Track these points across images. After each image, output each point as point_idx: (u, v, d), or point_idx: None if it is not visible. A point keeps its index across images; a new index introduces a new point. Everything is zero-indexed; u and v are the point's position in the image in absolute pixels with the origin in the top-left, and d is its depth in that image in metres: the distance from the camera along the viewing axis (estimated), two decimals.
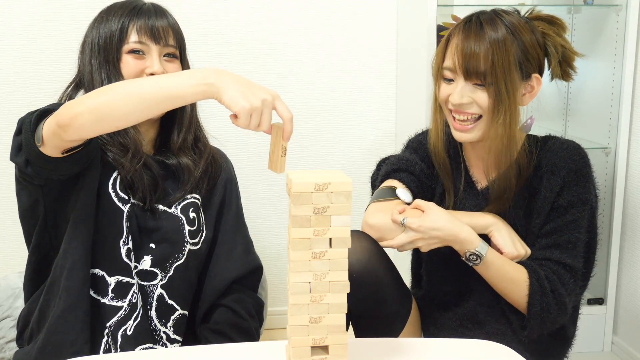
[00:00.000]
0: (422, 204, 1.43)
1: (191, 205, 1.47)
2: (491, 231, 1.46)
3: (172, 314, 1.43)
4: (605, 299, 2.42)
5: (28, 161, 1.25)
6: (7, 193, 2.35)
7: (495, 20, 1.41)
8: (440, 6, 2.16)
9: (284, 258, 2.48)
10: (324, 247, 1.04)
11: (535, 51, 1.44)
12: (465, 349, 1.23)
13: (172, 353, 1.28)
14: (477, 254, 1.41)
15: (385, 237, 1.43)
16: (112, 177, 1.37)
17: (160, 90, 1.13)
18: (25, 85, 2.34)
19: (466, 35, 1.41)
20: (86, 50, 1.43)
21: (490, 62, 1.38)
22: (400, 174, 1.55)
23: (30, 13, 2.31)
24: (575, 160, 1.47)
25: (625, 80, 2.26)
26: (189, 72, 1.15)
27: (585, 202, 1.45)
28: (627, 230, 2.36)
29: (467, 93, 1.42)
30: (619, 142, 2.31)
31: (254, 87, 1.11)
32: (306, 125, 2.52)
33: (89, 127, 1.17)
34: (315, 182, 1.02)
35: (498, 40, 1.39)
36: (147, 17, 1.41)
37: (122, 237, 1.36)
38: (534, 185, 1.48)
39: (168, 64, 1.43)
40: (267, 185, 2.51)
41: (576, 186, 1.45)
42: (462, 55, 1.40)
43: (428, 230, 1.39)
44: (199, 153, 1.49)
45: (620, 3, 2.23)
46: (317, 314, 1.07)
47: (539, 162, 1.49)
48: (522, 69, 1.43)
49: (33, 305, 1.42)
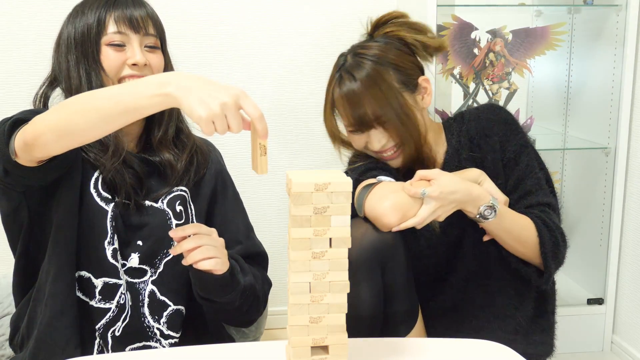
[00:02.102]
0: (428, 173, 1.41)
1: (177, 199, 1.43)
2: (481, 181, 1.49)
3: (164, 310, 1.40)
4: (605, 299, 2.42)
5: (6, 170, 1.22)
6: None
7: (360, 64, 1.49)
8: (440, 6, 2.16)
9: (284, 258, 2.48)
10: (324, 247, 1.04)
11: (407, 61, 1.52)
12: (465, 349, 1.23)
13: (172, 353, 1.28)
14: (492, 205, 1.42)
15: (407, 213, 1.37)
16: (94, 177, 1.34)
17: (116, 104, 1.07)
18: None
19: (341, 89, 1.50)
20: (62, 47, 1.39)
21: (377, 107, 1.47)
22: (375, 172, 1.54)
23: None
24: (497, 114, 1.57)
25: (625, 81, 2.26)
26: (144, 81, 1.08)
27: (526, 145, 1.55)
28: (627, 230, 2.36)
29: (379, 138, 1.52)
30: (619, 142, 2.31)
31: (215, 91, 1.01)
32: (306, 125, 2.52)
33: (52, 145, 1.14)
34: (315, 182, 1.02)
35: (375, 80, 1.47)
36: (125, 7, 1.37)
37: (107, 238, 1.33)
38: (476, 155, 1.55)
39: (150, 54, 1.39)
40: (267, 185, 2.52)
41: (511, 135, 1.55)
42: (348, 107, 1.49)
43: (448, 195, 1.38)
44: (182, 146, 1.45)
45: (620, 3, 2.23)
46: (317, 314, 1.07)
47: (469, 135, 1.57)
48: (408, 85, 1.51)
49: (23, 310, 1.40)
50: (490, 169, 1.53)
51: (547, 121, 2.62)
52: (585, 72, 2.46)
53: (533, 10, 2.55)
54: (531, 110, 2.69)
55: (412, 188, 1.38)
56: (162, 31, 1.44)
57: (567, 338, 2.37)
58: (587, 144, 2.42)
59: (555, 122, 2.61)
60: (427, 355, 1.20)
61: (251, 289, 1.43)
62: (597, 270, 2.45)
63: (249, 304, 1.44)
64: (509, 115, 1.58)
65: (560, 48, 2.40)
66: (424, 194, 1.37)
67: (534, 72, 2.52)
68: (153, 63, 1.39)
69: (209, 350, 1.23)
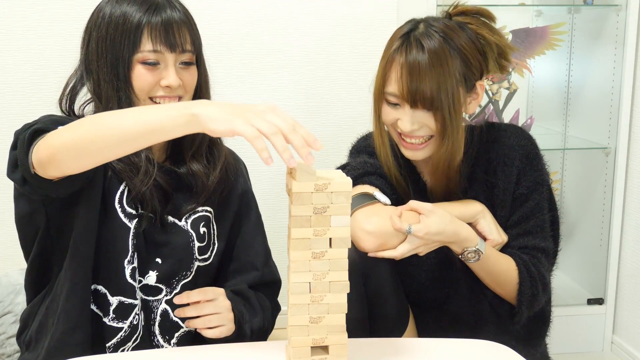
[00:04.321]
0: (420, 208, 1.36)
1: (202, 220, 1.38)
2: (477, 219, 1.45)
3: (176, 331, 1.37)
4: (605, 299, 2.42)
5: (25, 179, 1.19)
6: (7, 191, 2.35)
7: (431, 35, 1.38)
8: (440, 6, 2.16)
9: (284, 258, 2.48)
10: (324, 247, 1.04)
11: (474, 57, 1.42)
12: (465, 349, 1.23)
13: (172, 353, 1.27)
14: (477, 250, 1.40)
15: (386, 243, 1.34)
16: (119, 190, 1.29)
17: (139, 124, 1.04)
18: (25, 88, 2.34)
19: (408, 56, 1.37)
20: (92, 43, 1.31)
21: (436, 87, 1.35)
22: (370, 178, 1.47)
23: (30, 13, 2.31)
24: (523, 146, 1.49)
25: (626, 81, 2.26)
26: (172, 105, 1.07)
27: (542, 183, 1.48)
28: (627, 230, 2.36)
29: (417, 119, 1.39)
30: (619, 142, 2.31)
31: (244, 109, 0.99)
32: (305, 125, 2.51)
33: (68, 164, 1.11)
34: (315, 182, 1.01)
35: (441, 59, 1.36)
36: (163, 10, 1.28)
37: (127, 257, 1.29)
38: (490, 180, 1.49)
39: (183, 72, 1.32)
40: (267, 185, 2.51)
41: (531, 170, 1.48)
42: (407, 77, 1.37)
43: (433, 236, 1.35)
44: (213, 160, 1.39)
45: (620, 3, 2.23)
46: (317, 314, 1.07)
47: (488, 155, 1.50)
48: (467, 82, 1.41)
49: (34, 309, 1.38)
50: (499, 197, 1.48)
51: (547, 121, 2.62)
52: (585, 72, 2.46)
53: (533, 10, 2.55)
54: (531, 110, 2.69)
55: (397, 221, 1.33)
56: (199, 41, 1.35)
57: (567, 338, 2.37)
58: (587, 144, 2.42)
59: (555, 122, 2.61)
60: (427, 355, 1.20)
61: (259, 331, 1.40)
62: (597, 270, 2.45)
63: (255, 339, 1.41)
64: (533, 147, 1.50)
65: (560, 48, 2.40)
66: (409, 232, 1.33)
67: (534, 72, 2.52)
68: (186, 80, 1.32)
69: (209, 350, 1.23)
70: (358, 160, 1.53)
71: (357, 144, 1.62)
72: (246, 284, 1.44)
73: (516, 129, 1.53)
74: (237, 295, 1.40)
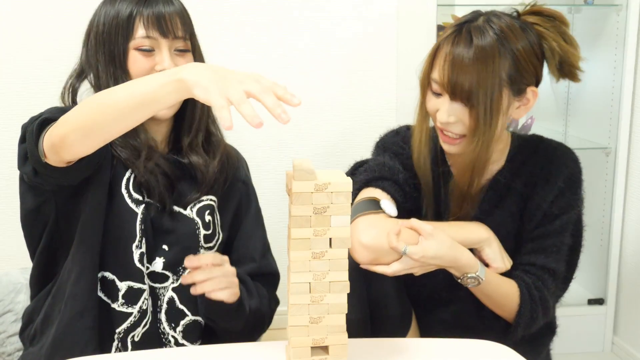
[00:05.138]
0: (421, 229, 1.33)
1: (207, 208, 1.42)
2: (482, 247, 1.42)
3: (182, 319, 1.39)
4: (605, 299, 2.42)
5: (36, 170, 1.22)
6: (8, 191, 2.35)
7: (485, 32, 1.34)
8: (440, 6, 2.17)
9: (284, 258, 2.48)
10: (324, 247, 1.04)
11: (529, 62, 1.37)
12: (465, 349, 1.23)
13: (172, 353, 1.28)
14: (477, 277, 1.37)
15: (380, 259, 1.31)
16: (125, 176, 1.33)
17: (132, 96, 1.06)
18: (26, 84, 2.34)
19: (454, 48, 1.34)
20: (91, 39, 1.36)
21: (475, 82, 1.32)
22: (383, 183, 1.43)
23: (31, 11, 2.31)
24: (569, 167, 1.46)
25: (625, 81, 2.26)
26: (162, 72, 1.07)
27: (574, 207, 1.46)
28: (628, 230, 2.36)
29: (454, 112, 1.37)
30: (619, 142, 2.31)
31: (229, 73, 1.00)
32: (305, 125, 2.51)
33: (78, 145, 1.14)
34: (315, 182, 1.01)
35: (486, 57, 1.32)
36: (155, 3, 1.33)
37: (135, 242, 1.32)
38: (526, 192, 1.46)
39: (179, 58, 1.36)
40: (267, 185, 2.51)
41: (568, 193, 1.45)
42: (449, 68, 1.34)
43: (429, 259, 1.32)
44: (212, 151, 1.43)
45: (620, 3, 2.23)
46: (317, 314, 1.07)
47: (531, 168, 1.47)
48: (515, 85, 1.36)
49: (39, 303, 1.40)
50: (531, 211, 1.45)
51: (547, 121, 2.62)
52: (586, 72, 2.45)
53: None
54: (532, 110, 2.68)
55: (394, 240, 1.30)
56: (192, 30, 1.40)
57: (567, 338, 2.37)
58: (587, 144, 2.42)
59: (555, 122, 2.61)
60: (427, 355, 1.20)
61: (256, 313, 1.41)
62: (597, 271, 2.45)
63: (252, 326, 1.43)
64: (578, 171, 1.47)
65: None
66: (404, 253, 1.30)
67: None
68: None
69: (209, 350, 1.23)
70: (378, 160, 1.49)
71: (385, 138, 1.57)
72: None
73: (566, 149, 1.50)
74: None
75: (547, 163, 1.46)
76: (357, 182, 1.43)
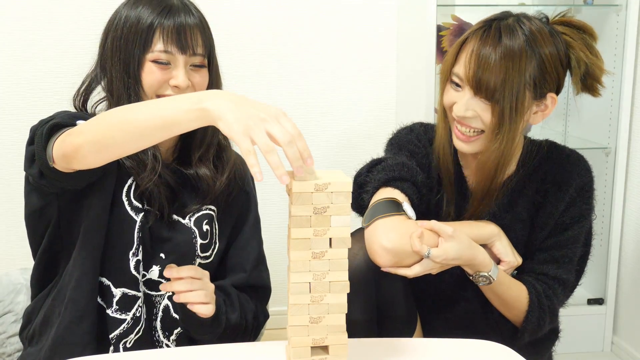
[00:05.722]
0: (441, 231, 1.33)
1: (205, 217, 1.41)
2: (493, 241, 1.43)
3: (175, 328, 1.39)
4: (605, 299, 2.42)
5: (42, 173, 1.22)
6: (9, 190, 2.35)
7: (514, 31, 1.34)
8: (440, 6, 2.16)
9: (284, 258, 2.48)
10: (324, 247, 1.04)
11: (554, 68, 1.36)
12: (465, 349, 1.23)
13: (172, 353, 1.28)
14: (489, 276, 1.38)
15: (401, 262, 1.30)
16: (127, 184, 1.32)
17: (154, 118, 1.06)
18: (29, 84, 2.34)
19: (482, 44, 1.34)
20: (108, 42, 1.34)
21: (501, 80, 1.32)
22: (403, 184, 1.41)
23: (32, 12, 2.31)
24: (581, 176, 1.46)
25: (625, 81, 2.26)
26: (183, 97, 1.07)
27: (586, 217, 1.46)
28: (627, 231, 2.36)
29: (473, 106, 1.36)
30: (619, 142, 2.31)
31: (252, 108, 1.00)
32: (305, 125, 2.52)
33: (91, 158, 1.14)
34: (315, 182, 1.01)
35: (513, 57, 1.32)
36: (176, 14, 1.30)
37: (132, 249, 1.32)
38: (538, 199, 1.46)
39: (194, 73, 1.33)
40: (267, 185, 2.51)
41: (580, 202, 1.45)
42: (474, 65, 1.33)
43: (449, 261, 1.33)
44: (222, 166, 1.41)
45: (620, 3, 2.23)
46: (317, 314, 1.07)
47: (543, 175, 1.46)
48: (537, 88, 1.36)
49: (38, 304, 1.40)
50: (542, 219, 1.45)
51: (547, 121, 2.62)
52: None
53: (533, 10, 2.55)
54: None
55: (417, 244, 1.29)
56: (211, 44, 1.37)
57: (567, 338, 2.36)
58: (587, 144, 2.42)
59: (555, 122, 2.61)
60: (427, 355, 1.20)
61: (236, 327, 1.40)
62: (597, 271, 2.44)
63: (231, 339, 1.40)
64: (590, 180, 1.48)
65: None
66: (427, 256, 1.30)
67: None
68: (196, 82, 1.34)
69: (209, 350, 1.23)
70: (397, 160, 1.45)
71: (399, 135, 1.55)
72: (230, 283, 1.45)
73: (579, 157, 1.50)
74: (217, 289, 1.39)
75: (559, 170, 1.46)
76: (375, 181, 1.41)
